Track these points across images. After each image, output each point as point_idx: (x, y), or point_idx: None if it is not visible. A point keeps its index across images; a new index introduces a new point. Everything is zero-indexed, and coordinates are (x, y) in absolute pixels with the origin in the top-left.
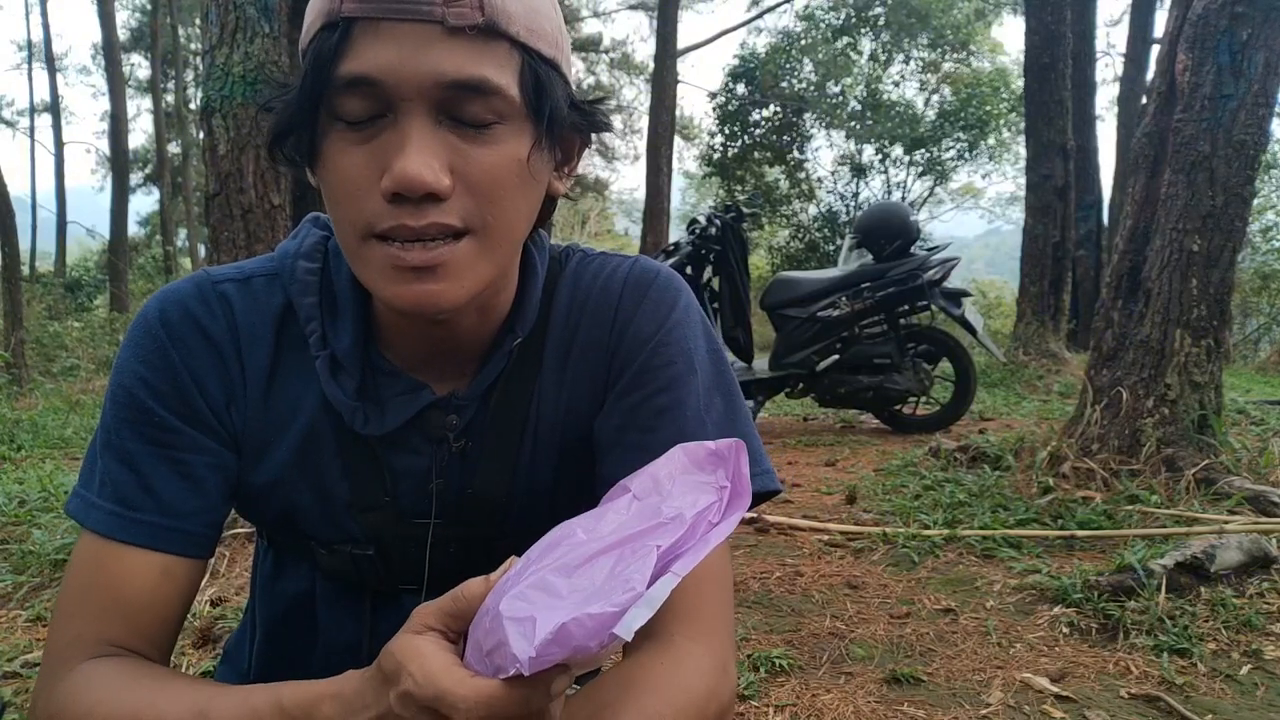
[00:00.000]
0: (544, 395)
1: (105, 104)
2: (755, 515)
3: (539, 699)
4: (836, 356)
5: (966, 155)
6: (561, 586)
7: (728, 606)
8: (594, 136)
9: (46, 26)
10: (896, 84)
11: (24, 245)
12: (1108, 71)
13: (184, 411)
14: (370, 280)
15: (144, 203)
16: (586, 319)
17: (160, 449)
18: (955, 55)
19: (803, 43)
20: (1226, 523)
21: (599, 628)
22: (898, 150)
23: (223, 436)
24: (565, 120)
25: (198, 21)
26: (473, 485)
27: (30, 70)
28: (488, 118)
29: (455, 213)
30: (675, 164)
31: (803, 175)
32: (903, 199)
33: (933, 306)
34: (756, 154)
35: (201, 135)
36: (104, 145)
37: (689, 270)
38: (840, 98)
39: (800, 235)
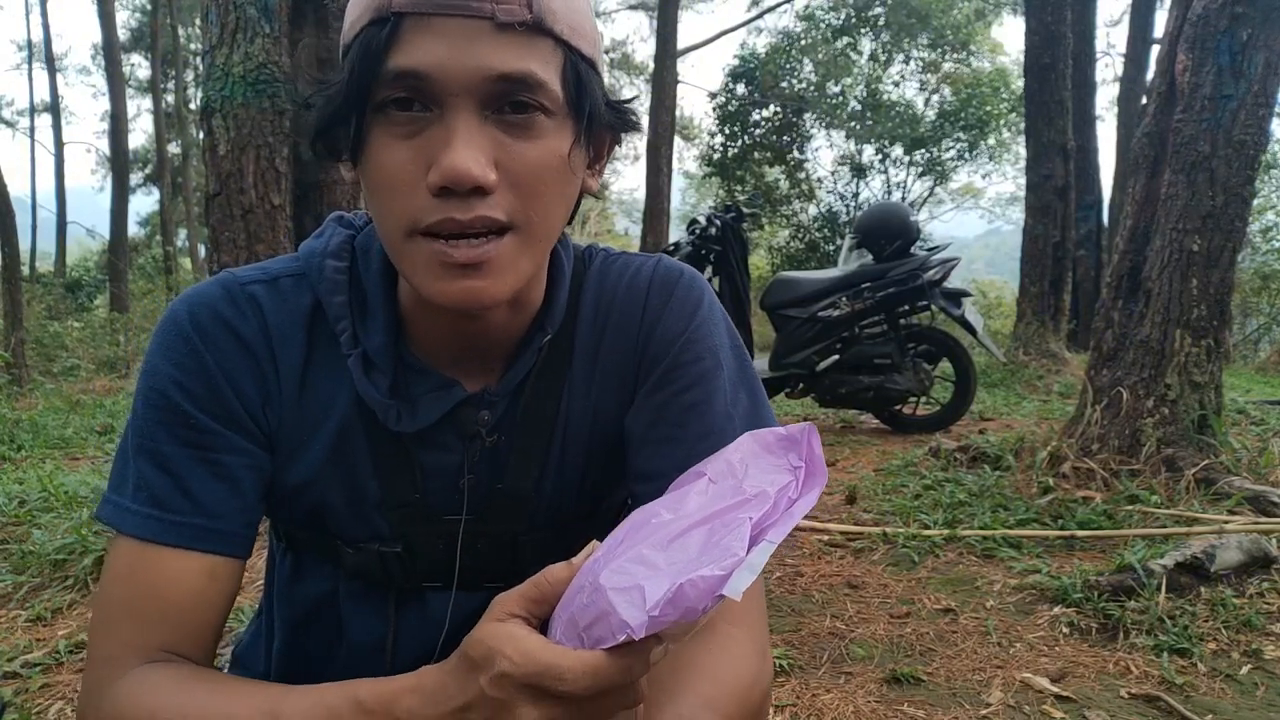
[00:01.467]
0: (574, 392)
1: (105, 104)
2: None
3: (640, 667)
4: (836, 356)
5: (966, 155)
6: (659, 559)
7: (760, 595)
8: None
9: (46, 26)
10: (896, 84)
11: (24, 245)
12: (1108, 71)
13: (219, 413)
14: (415, 277)
15: (144, 203)
16: (614, 318)
17: (196, 451)
18: (955, 55)
19: (803, 43)
20: (1226, 523)
21: (709, 589)
22: (898, 150)
23: (258, 437)
24: (603, 118)
25: (198, 21)
26: (503, 481)
27: (30, 70)
28: (532, 113)
29: (500, 207)
30: (675, 164)
31: (803, 175)
32: (903, 199)
33: (933, 306)
34: (756, 154)
35: (201, 135)
36: (104, 145)
37: None
38: (840, 98)
39: (800, 235)
